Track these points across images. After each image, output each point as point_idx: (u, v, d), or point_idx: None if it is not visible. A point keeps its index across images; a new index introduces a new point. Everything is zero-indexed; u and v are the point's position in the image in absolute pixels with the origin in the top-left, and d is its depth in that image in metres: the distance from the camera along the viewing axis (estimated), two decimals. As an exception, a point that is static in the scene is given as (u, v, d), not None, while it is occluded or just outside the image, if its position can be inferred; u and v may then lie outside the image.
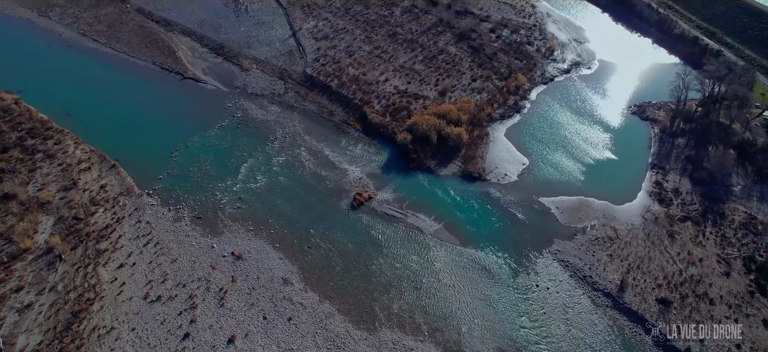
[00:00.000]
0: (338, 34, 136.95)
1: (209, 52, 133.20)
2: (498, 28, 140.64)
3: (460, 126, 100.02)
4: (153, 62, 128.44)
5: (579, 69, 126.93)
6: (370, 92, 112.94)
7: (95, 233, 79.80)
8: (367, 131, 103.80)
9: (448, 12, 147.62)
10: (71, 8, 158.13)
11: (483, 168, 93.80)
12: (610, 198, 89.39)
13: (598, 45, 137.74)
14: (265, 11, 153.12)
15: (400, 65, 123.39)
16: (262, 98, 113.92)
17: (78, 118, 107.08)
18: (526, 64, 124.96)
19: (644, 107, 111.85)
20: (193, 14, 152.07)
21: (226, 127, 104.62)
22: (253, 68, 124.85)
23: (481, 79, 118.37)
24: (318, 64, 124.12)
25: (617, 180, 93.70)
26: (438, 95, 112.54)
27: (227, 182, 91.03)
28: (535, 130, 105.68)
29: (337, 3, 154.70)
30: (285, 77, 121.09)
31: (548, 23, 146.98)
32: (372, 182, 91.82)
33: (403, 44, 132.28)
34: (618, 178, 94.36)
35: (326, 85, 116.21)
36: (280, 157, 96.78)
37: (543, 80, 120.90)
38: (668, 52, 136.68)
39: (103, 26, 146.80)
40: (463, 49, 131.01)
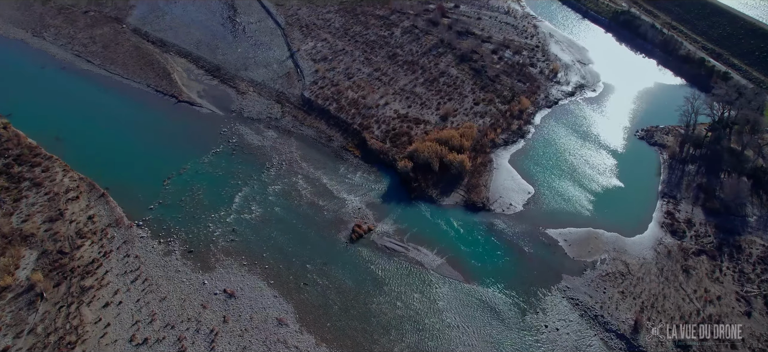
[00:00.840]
0: (337, 56, 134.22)
1: (205, 74, 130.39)
2: (500, 49, 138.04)
3: (463, 153, 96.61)
4: (147, 84, 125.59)
5: (583, 91, 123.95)
6: (370, 117, 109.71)
7: (80, 269, 75.86)
8: (367, 158, 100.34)
9: (449, 33, 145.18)
10: (67, 28, 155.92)
11: (487, 197, 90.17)
12: (620, 229, 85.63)
13: (602, 66, 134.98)
14: (262, 32, 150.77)
15: (400, 88, 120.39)
16: (258, 123, 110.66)
17: (68, 144, 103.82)
18: (529, 86, 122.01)
19: (652, 132, 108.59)
20: (189, 35, 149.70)
21: (220, 153, 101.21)
22: (249, 91, 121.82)
23: (484, 102, 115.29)
24: (316, 87, 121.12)
25: (627, 210, 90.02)
26: (439, 120, 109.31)
27: (221, 213, 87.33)
28: (540, 157, 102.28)
29: (336, 23, 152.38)
30: (282, 101, 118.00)
31: (551, 44, 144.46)
32: (371, 212, 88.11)
33: (404, 66, 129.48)
34: (627, 207, 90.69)
35: (324, 109, 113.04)
36: (276, 185, 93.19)
37: (547, 103, 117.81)
38: (674, 74, 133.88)
39: (98, 47, 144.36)
40: (465, 71, 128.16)
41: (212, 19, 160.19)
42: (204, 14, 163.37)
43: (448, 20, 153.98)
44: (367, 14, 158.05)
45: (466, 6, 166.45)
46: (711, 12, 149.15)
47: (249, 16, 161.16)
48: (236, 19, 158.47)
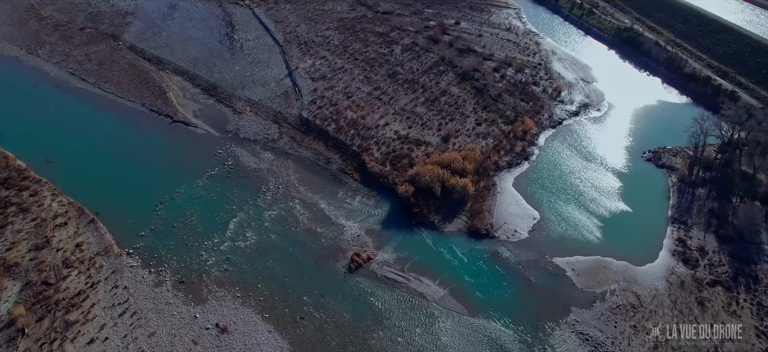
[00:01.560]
0: (336, 74, 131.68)
1: (201, 92, 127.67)
2: (502, 67, 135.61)
3: (466, 176, 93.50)
4: (142, 104, 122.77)
5: (588, 111, 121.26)
6: (369, 138, 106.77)
7: (65, 301, 72.23)
8: (366, 181, 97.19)
9: (449, 50, 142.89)
10: (62, 46, 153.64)
11: (491, 224, 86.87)
12: (630, 258, 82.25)
13: (606, 85, 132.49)
14: (260, 49, 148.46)
15: (400, 108, 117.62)
16: (254, 144, 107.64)
17: (58, 166, 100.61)
18: (532, 106, 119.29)
19: (659, 153, 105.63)
20: (186, 52, 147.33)
21: (215, 176, 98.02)
22: (246, 111, 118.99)
23: (486, 122, 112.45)
24: (314, 106, 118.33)
25: (636, 236, 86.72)
26: (441, 141, 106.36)
27: (214, 240, 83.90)
28: (545, 180, 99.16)
29: (335, 41, 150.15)
30: (280, 121, 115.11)
31: (554, 62, 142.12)
32: (371, 239, 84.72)
33: (404, 85, 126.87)
34: (636, 234, 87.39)
35: (323, 130, 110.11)
36: (272, 210, 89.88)
37: (551, 124, 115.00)
38: (679, 93, 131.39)
39: (93, 65, 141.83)
40: (467, 89, 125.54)
41: (210, 36, 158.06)
42: (201, 31, 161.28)
43: (448, 37, 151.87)
44: (366, 31, 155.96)
45: (467, 23, 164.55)
46: (715, 29, 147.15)
47: (247, 33, 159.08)
48: (234, 36, 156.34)
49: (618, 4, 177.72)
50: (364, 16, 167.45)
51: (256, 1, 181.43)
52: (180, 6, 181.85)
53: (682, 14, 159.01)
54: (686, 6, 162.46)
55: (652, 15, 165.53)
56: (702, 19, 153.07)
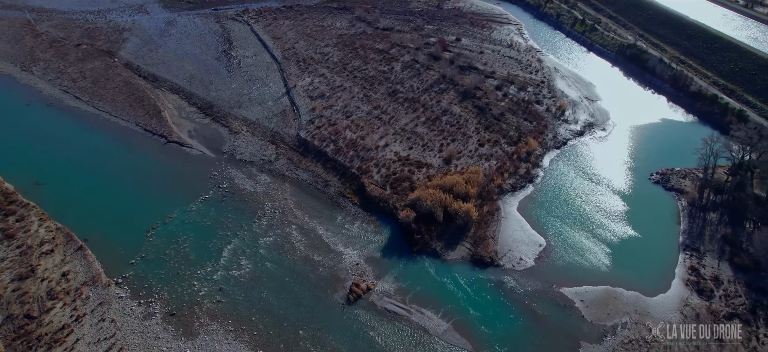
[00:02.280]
0: (335, 93, 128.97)
1: (197, 111, 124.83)
2: (504, 85, 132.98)
3: (469, 200, 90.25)
4: (136, 123, 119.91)
5: (593, 130, 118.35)
6: (369, 159, 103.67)
7: (48, 337, 68.58)
8: (366, 206, 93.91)
9: (450, 68, 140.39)
10: (57, 62, 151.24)
11: (495, 251, 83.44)
12: (641, 287, 78.74)
13: (610, 103, 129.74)
14: (258, 66, 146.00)
15: (401, 128, 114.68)
16: (251, 166, 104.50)
17: (48, 189, 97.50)
18: (536, 125, 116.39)
19: (668, 175, 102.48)
20: (182, 70, 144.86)
21: (210, 200, 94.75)
22: (242, 131, 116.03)
23: (489, 143, 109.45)
24: (313, 126, 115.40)
25: (646, 264, 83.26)
26: (442, 163, 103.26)
27: (207, 269, 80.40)
28: (551, 204, 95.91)
29: (334, 58, 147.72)
30: (277, 141, 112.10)
31: (557, 79, 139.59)
32: (371, 268, 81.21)
33: (404, 104, 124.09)
34: (647, 261, 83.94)
35: (321, 151, 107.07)
36: (267, 237, 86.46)
37: (555, 144, 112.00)
38: (686, 111, 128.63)
39: (87, 82, 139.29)
40: (468, 108, 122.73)
41: (207, 52, 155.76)
42: (199, 47, 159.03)
43: (449, 54, 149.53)
44: (366, 48, 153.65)
45: (467, 39, 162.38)
46: (720, 46, 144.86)
47: (245, 49, 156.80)
48: (232, 53, 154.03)
49: (620, 20, 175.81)
50: (363, 33, 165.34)
51: (255, 17, 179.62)
52: (177, 22, 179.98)
53: (685, 31, 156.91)
54: (690, 23, 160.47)
55: (655, 31, 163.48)
56: (706, 35, 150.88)
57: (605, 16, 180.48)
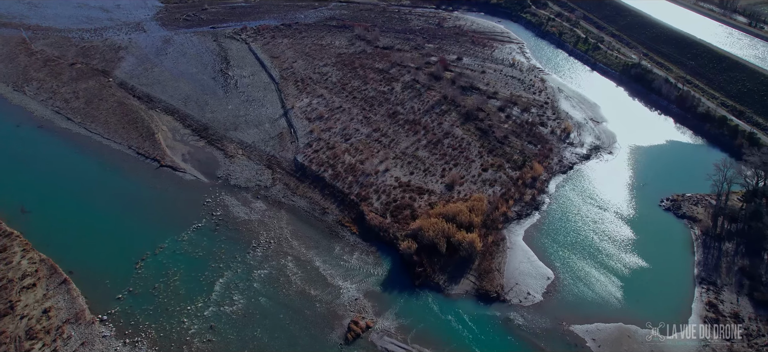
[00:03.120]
0: (334, 114, 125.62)
1: (192, 134, 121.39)
2: (507, 106, 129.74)
3: (473, 230, 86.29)
4: (129, 146, 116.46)
5: (599, 154, 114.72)
6: (368, 185, 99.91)
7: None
8: (365, 235, 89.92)
9: (452, 88, 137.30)
10: (50, 82, 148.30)
11: (501, 285, 79.30)
12: (656, 325, 74.23)
13: (616, 125, 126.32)
14: (255, 86, 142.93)
15: (401, 151, 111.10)
16: (246, 192, 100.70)
17: (34, 216, 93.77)
18: (540, 149, 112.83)
19: (678, 201, 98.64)
20: (178, 90, 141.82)
21: (202, 229, 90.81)
22: (238, 154, 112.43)
23: (493, 168, 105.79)
24: (310, 149, 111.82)
25: (661, 298, 79.03)
26: (445, 189, 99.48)
27: (198, 304, 76.21)
28: (558, 233, 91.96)
29: (333, 78, 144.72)
30: (273, 166, 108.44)
31: (561, 100, 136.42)
32: (370, 303, 76.99)
33: (405, 126, 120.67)
34: (661, 295, 79.72)
35: (319, 176, 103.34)
36: (262, 270, 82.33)
37: (561, 169, 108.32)
38: (694, 133, 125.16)
39: (80, 103, 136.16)
40: (471, 131, 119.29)
41: (203, 72, 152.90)
42: (195, 67, 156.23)
43: (451, 74, 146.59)
44: (365, 67, 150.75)
45: (469, 58, 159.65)
46: (727, 66, 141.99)
47: (242, 68, 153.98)
48: (228, 73, 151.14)
49: (624, 39, 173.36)
50: (363, 52, 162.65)
51: (253, 36, 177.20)
52: (174, 40, 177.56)
53: (691, 50, 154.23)
54: (695, 42, 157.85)
55: (659, 50, 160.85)
56: (712, 55, 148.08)
57: (608, 35, 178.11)
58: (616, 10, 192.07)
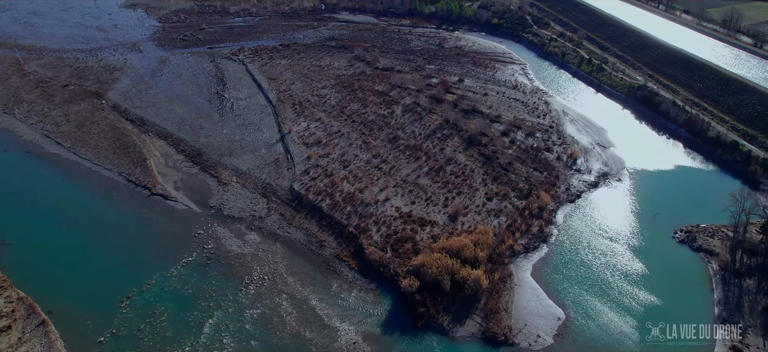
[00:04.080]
0: (332, 139, 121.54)
1: (185, 159, 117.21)
2: (511, 130, 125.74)
3: (478, 266, 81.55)
4: (119, 172, 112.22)
5: (608, 181, 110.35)
6: (368, 216, 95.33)
7: None
8: (364, 270, 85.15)
9: (454, 111, 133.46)
10: (41, 104, 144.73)
11: (509, 326, 74.33)
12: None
13: (624, 150, 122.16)
14: (252, 109, 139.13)
15: (402, 179, 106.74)
16: (239, 223, 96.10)
17: (15, 249, 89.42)
18: (547, 176, 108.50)
19: (693, 233, 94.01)
20: (172, 113, 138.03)
21: (192, 263, 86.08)
22: (232, 182, 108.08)
23: (498, 197, 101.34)
24: (307, 177, 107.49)
25: (680, 342, 73.80)
26: (448, 220, 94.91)
27: (185, 348, 71.33)
28: (567, 267, 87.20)
29: (331, 100, 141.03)
30: (269, 194, 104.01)
31: (566, 123, 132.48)
32: (370, 347, 71.91)
33: (406, 152, 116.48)
34: (680, 338, 74.44)
35: (316, 206, 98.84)
36: (254, 309, 77.39)
37: (569, 197, 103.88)
38: (704, 158, 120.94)
39: (71, 126, 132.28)
40: (474, 157, 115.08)
41: (199, 94, 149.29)
42: (191, 88, 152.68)
43: (452, 97, 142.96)
44: (365, 90, 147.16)
45: (471, 80, 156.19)
46: (736, 89, 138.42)
47: (238, 91, 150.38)
48: (224, 95, 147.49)
49: (628, 59, 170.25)
50: (362, 73, 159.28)
51: (250, 56, 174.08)
52: (171, 61, 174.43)
53: (698, 72, 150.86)
54: (701, 63, 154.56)
55: (665, 72, 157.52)
56: (720, 77, 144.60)
57: (612, 56, 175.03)
58: (619, 30, 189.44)
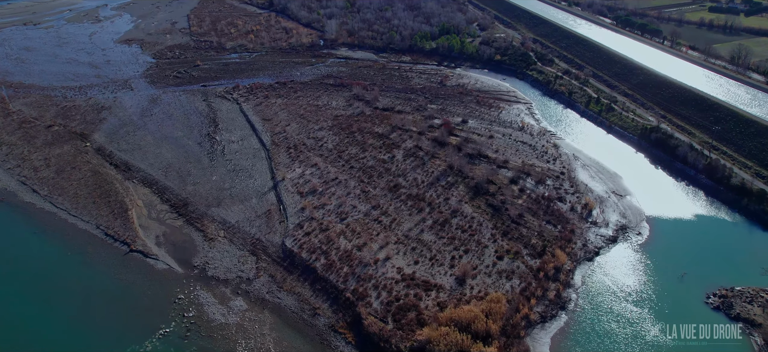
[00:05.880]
0: (328, 188, 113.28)
1: (169, 210, 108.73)
2: (520, 177, 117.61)
3: (491, 342, 72.21)
4: (97, 224, 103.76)
5: (627, 235, 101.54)
6: (367, 278, 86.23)
7: None
8: (363, 345, 75.68)
9: (458, 156, 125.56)
10: (21, 147, 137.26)
11: (529, 418, 64.46)
12: None
13: (642, 199, 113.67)
14: (244, 153, 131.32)
15: (404, 234, 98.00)
16: (225, 286, 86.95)
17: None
18: (561, 230, 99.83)
19: (729, 298, 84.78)
20: (159, 157, 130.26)
21: (170, 335, 76.81)
22: (219, 237, 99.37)
23: (509, 255, 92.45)
24: (301, 231, 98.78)
25: None
26: (455, 283, 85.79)
27: None
28: (590, 339, 77.75)
29: (328, 144, 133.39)
30: (258, 251, 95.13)
31: (578, 169, 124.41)
32: None
33: (407, 202, 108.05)
34: None
35: (310, 267, 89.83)
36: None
37: (586, 255, 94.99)
38: (730, 209, 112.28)
39: (50, 171, 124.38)
40: (481, 208, 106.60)
41: (189, 135, 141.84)
42: (181, 130, 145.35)
43: (456, 139, 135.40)
44: (364, 132, 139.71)
45: (475, 121, 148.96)
46: (756, 131, 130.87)
47: (231, 132, 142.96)
48: (216, 137, 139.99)
49: (638, 99, 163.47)
50: (361, 114, 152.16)
51: (245, 95, 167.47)
52: (162, 100, 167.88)
53: (713, 113, 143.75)
54: (716, 103, 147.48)
55: (678, 112, 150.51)
56: (738, 118, 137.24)
57: (621, 95, 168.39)
58: (626, 67, 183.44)
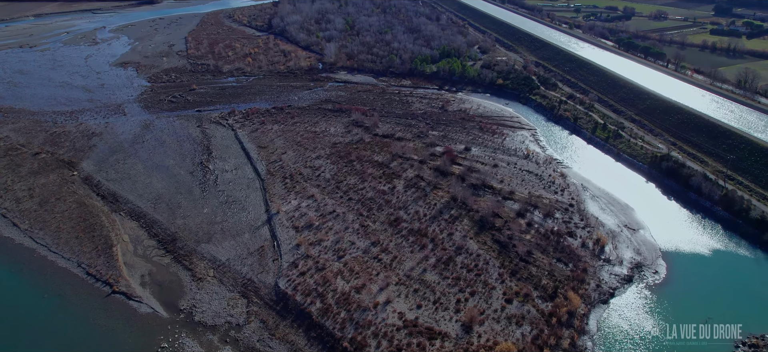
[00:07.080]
0: (326, 222, 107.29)
1: (157, 246, 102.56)
2: (527, 209, 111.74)
3: (502, 401, 65.41)
4: (79, 263, 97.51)
5: (643, 274, 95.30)
6: (366, 325, 79.71)
7: None
8: (360, 404, 68.85)
9: (462, 187, 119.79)
10: (5, 176, 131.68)
11: None
12: None
13: (657, 233, 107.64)
14: (238, 183, 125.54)
15: (405, 274, 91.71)
16: (212, 333, 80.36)
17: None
18: (573, 269, 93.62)
19: (760, 348, 78.19)
20: (149, 187, 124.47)
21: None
22: (208, 276, 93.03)
23: (518, 298, 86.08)
24: (296, 271, 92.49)
25: None
26: (461, 331, 79.26)
27: None
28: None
29: (326, 173, 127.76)
30: (250, 293, 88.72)
31: (587, 200, 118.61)
32: None
33: (409, 237, 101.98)
34: None
35: (304, 311, 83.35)
36: None
37: (601, 297, 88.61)
38: (750, 244, 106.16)
39: (33, 203, 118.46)
40: (487, 244, 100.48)
41: (181, 164, 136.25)
42: (173, 158, 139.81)
43: (459, 168, 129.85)
44: (363, 160, 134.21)
45: (478, 148, 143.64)
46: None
47: (225, 161, 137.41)
48: (209, 166, 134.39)
49: (646, 125, 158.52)
50: (360, 141, 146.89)
51: (241, 121, 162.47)
52: (155, 125, 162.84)
53: (726, 141, 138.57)
54: (729, 131, 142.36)
55: (688, 139, 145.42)
56: (753, 147, 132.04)
57: (628, 120, 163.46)
58: (632, 92, 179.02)
